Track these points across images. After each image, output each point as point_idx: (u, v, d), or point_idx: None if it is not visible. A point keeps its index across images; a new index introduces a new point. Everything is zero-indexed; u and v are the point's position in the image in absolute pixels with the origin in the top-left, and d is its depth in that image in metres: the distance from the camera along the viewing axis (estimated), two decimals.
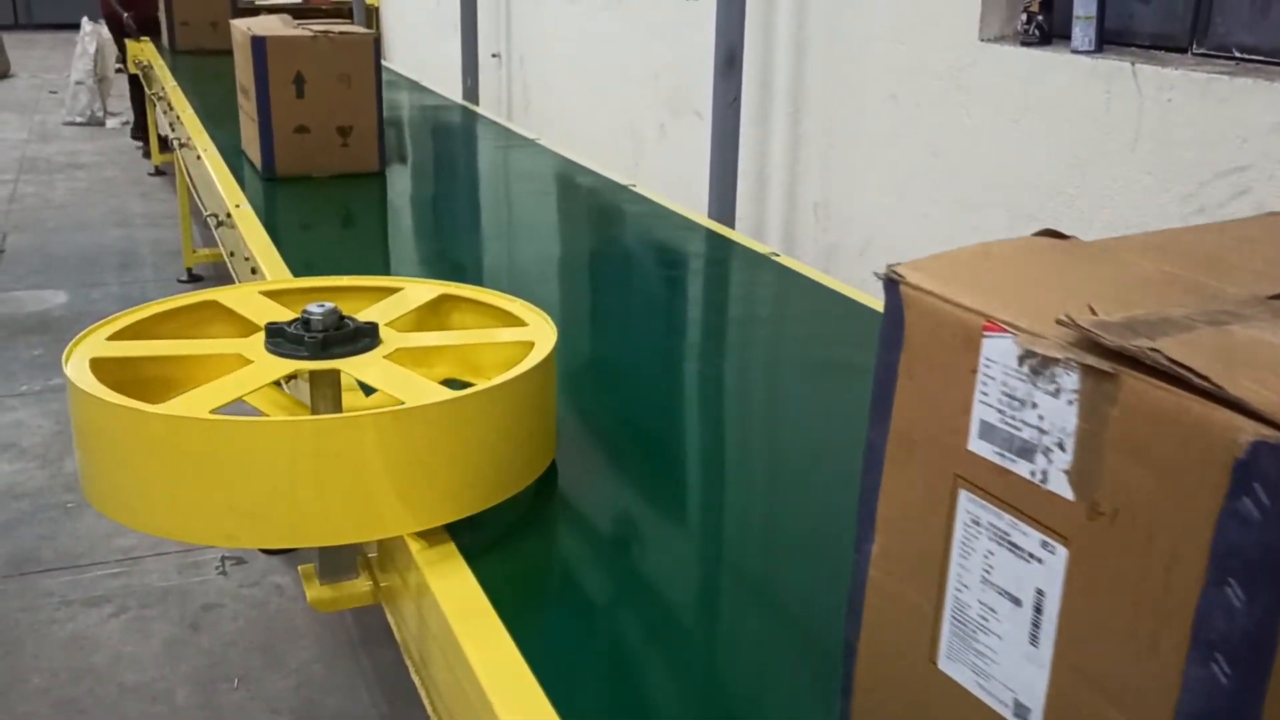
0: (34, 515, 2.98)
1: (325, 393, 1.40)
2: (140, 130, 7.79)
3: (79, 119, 8.76)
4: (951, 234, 2.94)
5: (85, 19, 8.61)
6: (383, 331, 1.43)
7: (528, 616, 1.10)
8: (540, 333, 1.42)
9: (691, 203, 3.77)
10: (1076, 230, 2.57)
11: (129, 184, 6.91)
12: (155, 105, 5.40)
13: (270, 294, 1.58)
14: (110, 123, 8.70)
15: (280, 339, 1.38)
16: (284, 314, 1.46)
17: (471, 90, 6.20)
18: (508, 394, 1.23)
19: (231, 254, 2.83)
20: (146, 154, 7.69)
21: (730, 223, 3.68)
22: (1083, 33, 2.50)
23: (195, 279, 5.01)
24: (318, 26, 2.88)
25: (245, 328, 1.46)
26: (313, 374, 1.37)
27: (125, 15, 7.25)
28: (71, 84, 8.93)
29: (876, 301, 2.01)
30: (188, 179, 3.82)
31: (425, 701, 1.21)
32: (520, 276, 2.20)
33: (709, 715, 0.97)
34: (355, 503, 1.14)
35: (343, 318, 1.40)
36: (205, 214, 3.04)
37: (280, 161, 2.80)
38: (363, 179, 2.89)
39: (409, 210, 2.68)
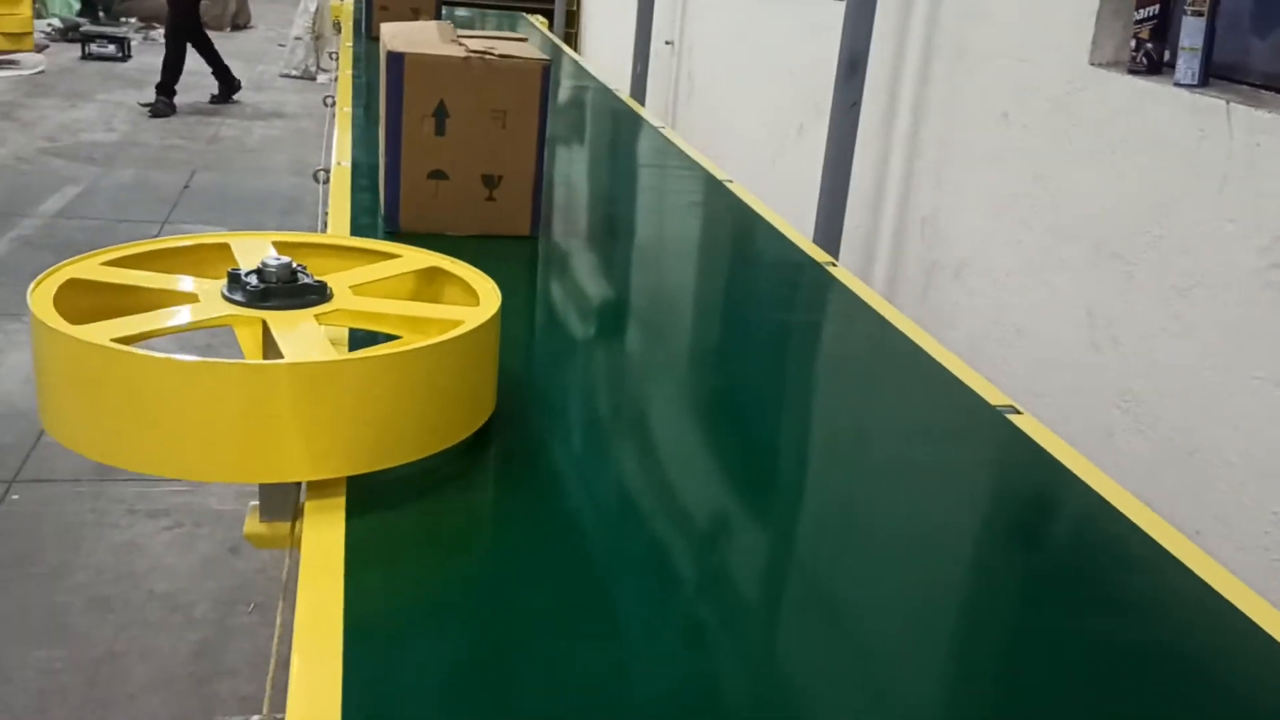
0: None
1: (273, 340, 1.48)
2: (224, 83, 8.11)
3: (294, 72, 9.34)
4: (1041, 264, 2.81)
5: None
6: (339, 293, 1.50)
7: (370, 582, 1.12)
8: (480, 314, 1.45)
9: (814, 205, 3.72)
10: (1153, 276, 2.42)
11: (318, 136, 7.32)
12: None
13: (282, 245, 1.67)
14: (321, 78, 9.22)
15: (235, 284, 1.46)
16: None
17: (640, 77, 6.26)
18: (391, 364, 1.27)
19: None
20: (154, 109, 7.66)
21: (838, 229, 3.61)
22: (1186, 65, 2.34)
23: None
24: (477, 45, 2.23)
25: None
26: (264, 321, 1.45)
27: None
28: (291, 39, 9.52)
29: (921, 333, 1.95)
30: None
31: (273, 653, 1.27)
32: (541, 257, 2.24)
33: None
34: (209, 445, 1.20)
35: (295, 272, 1.47)
36: (316, 169, 3.21)
37: (406, 213, 2.20)
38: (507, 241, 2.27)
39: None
